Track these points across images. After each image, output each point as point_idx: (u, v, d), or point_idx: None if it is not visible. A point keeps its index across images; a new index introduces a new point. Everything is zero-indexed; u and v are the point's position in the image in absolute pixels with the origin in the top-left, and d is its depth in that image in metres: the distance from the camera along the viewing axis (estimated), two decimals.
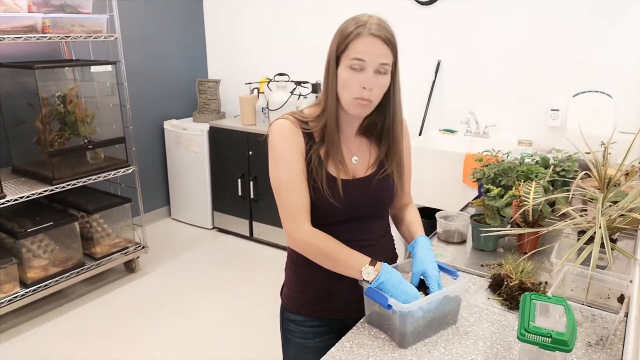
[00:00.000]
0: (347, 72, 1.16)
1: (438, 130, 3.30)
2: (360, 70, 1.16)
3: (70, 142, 2.96)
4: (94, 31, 2.98)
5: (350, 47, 1.15)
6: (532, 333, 0.96)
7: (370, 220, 1.32)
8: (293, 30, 3.85)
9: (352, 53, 1.15)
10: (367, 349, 1.14)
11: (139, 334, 2.73)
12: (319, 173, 1.23)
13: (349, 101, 1.19)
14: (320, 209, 1.24)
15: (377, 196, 1.30)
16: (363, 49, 1.14)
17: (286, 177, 1.22)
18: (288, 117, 1.26)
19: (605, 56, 2.77)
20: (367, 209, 1.29)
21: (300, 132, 1.24)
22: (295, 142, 1.23)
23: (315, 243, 1.22)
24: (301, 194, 1.22)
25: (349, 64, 1.16)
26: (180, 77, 4.22)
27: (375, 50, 1.15)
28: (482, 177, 1.71)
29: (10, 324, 2.77)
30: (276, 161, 1.24)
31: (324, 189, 1.22)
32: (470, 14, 3.10)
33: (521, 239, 1.59)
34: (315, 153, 1.23)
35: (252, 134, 3.66)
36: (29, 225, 2.77)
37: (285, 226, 1.25)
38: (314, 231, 1.23)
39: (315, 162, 1.23)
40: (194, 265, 3.52)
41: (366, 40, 1.14)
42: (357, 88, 1.17)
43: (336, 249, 1.22)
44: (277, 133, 1.24)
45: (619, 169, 1.46)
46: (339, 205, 1.23)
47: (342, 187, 1.23)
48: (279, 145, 1.23)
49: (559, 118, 2.91)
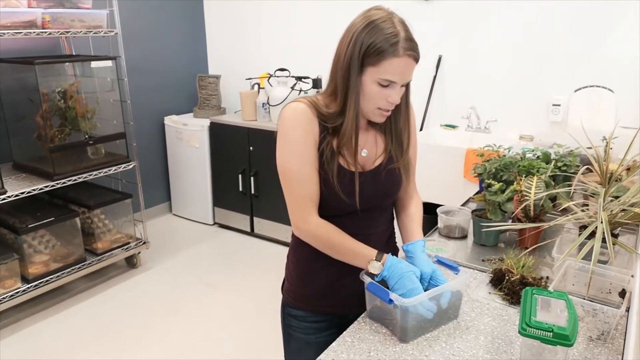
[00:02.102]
0: (374, 86, 1.14)
1: (439, 125, 3.30)
2: (388, 86, 1.14)
3: (70, 138, 2.96)
4: (94, 26, 2.97)
5: (382, 66, 1.11)
6: (533, 327, 0.95)
7: (376, 213, 1.31)
8: (294, 26, 3.84)
9: (384, 73, 1.12)
10: (368, 343, 1.14)
11: (140, 329, 2.73)
12: (330, 165, 1.20)
13: (370, 110, 1.18)
14: (329, 202, 1.22)
15: (385, 188, 1.29)
16: (397, 70, 1.12)
17: (296, 167, 1.19)
18: (303, 100, 1.20)
19: (607, 51, 2.76)
20: (375, 201, 1.28)
21: (316, 121, 1.19)
22: (311, 130, 1.18)
23: (321, 235, 1.22)
24: (310, 185, 1.20)
25: (377, 79, 1.13)
26: (180, 72, 4.21)
27: (408, 71, 1.14)
28: (483, 172, 1.71)
29: (12, 320, 2.78)
30: (287, 148, 1.20)
31: (335, 183, 1.20)
32: (471, 9, 3.09)
33: (522, 233, 1.59)
34: (328, 145, 1.20)
35: (252, 129, 3.65)
36: (30, 221, 2.77)
37: (291, 215, 1.24)
38: (320, 223, 1.22)
39: (328, 155, 1.20)
40: (195, 260, 3.53)
41: (402, 62, 1.11)
42: (383, 102, 1.16)
43: (342, 241, 1.21)
44: (291, 118, 1.19)
45: (621, 164, 1.46)
46: (348, 200, 1.21)
47: (353, 181, 1.22)
48: (291, 132, 1.18)
49: (560, 113, 2.90)
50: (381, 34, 1.10)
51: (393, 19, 1.13)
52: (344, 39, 1.16)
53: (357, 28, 1.13)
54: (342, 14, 3.50)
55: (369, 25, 1.12)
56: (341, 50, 1.16)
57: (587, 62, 2.83)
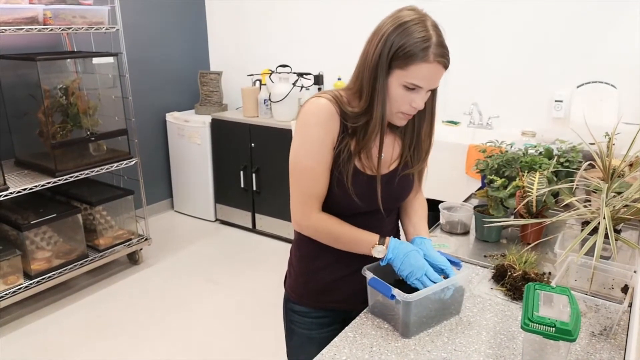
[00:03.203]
0: (400, 89, 1.10)
1: (441, 121, 3.29)
2: (414, 90, 1.11)
3: (72, 134, 2.97)
4: (96, 22, 2.97)
5: (411, 69, 1.07)
6: (536, 323, 0.95)
7: (384, 214, 1.30)
8: (295, 22, 3.83)
9: (412, 77, 1.08)
10: (370, 338, 1.14)
11: (142, 325, 2.74)
12: (346, 167, 1.17)
13: (393, 113, 1.15)
14: (340, 203, 1.21)
15: (398, 192, 1.28)
16: (425, 76, 1.08)
17: (310, 165, 1.17)
18: (327, 95, 1.17)
19: (609, 47, 2.75)
20: (386, 205, 1.25)
21: (338, 120, 1.15)
22: (331, 129, 1.15)
23: (322, 228, 1.22)
24: (320, 185, 1.18)
25: (403, 82, 1.09)
26: (182, 69, 4.21)
27: (436, 77, 1.10)
28: (485, 168, 1.71)
29: (14, 316, 2.79)
30: (304, 144, 1.17)
31: (349, 185, 1.18)
32: (473, 5, 3.08)
33: (525, 229, 1.59)
34: (346, 146, 1.17)
35: (254, 126, 3.65)
36: (32, 217, 2.78)
37: (293, 209, 1.23)
38: (320, 217, 1.21)
39: (345, 156, 1.17)
40: (197, 257, 3.53)
41: (431, 67, 1.07)
42: (407, 106, 1.13)
43: (343, 231, 1.21)
44: (314, 114, 1.15)
45: (623, 160, 1.46)
46: (360, 202, 1.20)
47: (367, 184, 1.20)
48: (311, 129, 1.15)
49: (562, 109, 2.89)
50: (412, 37, 1.06)
51: (426, 22, 1.09)
52: (373, 38, 1.12)
53: (387, 28, 1.09)
54: (344, 10, 3.49)
55: (400, 26, 1.08)
56: (369, 50, 1.11)
57: (589, 57, 2.82)
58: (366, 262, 1.22)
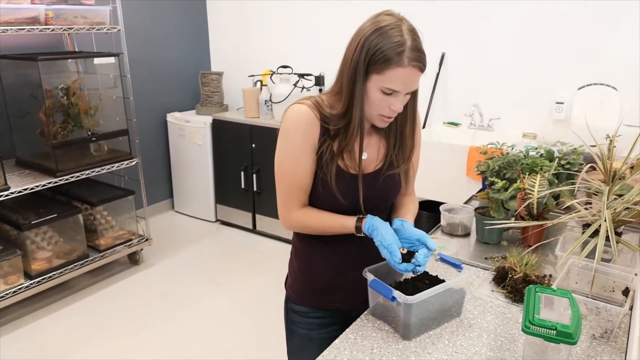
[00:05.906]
0: (378, 93, 1.12)
1: (442, 123, 3.29)
2: (391, 94, 1.12)
3: (73, 134, 2.96)
4: (97, 23, 2.97)
5: (386, 74, 1.09)
6: (536, 325, 0.95)
7: (374, 214, 1.31)
8: (296, 23, 3.83)
9: (388, 81, 1.10)
10: (371, 340, 1.14)
11: (142, 325, 2.74)
12: (329, 167, 1.20)
13: (373, 116, 1.17)
14: (326, 203, 1.23)
15: (384, 191, 1.29)
16: (401, 80, 1.10)
17: (290, 169, 1.21)
18: (307, 102, 1.20)
19: (610, 49, 2.75)
20: (374, 204, 1.27)
21: (318, 124, 1.18)
22: (310, 134, 1.19)
23: (302, 224, 1.26)
24: (300, 187, 1.22)
25: (381, 87, 1.11)
26: (183, 69, 4.21)
27: (412, 80, 1.12)
28: (486, 170, 1.71)
29: (15, 316, 2.79)
30: (285, 149, 1.21)
31: (333, 185, 1.20)
32: (475, 6, 3.08)
33: (525, 231, 1.59)
34: (328, 147, 1.20)
35: (255, 126, 3.65)
36: (33, 217, 2.78)
37: (279, 210, 1.28)
38: (300, 213, 1.25)
39: (328, 157, 1.20)
40: (198, 257, 3.53)
41: (406, 72, 1.09)
42: (386, 109, 1.15)
43: (323, 220, 1.24)
44: (294, 120, 1.19)
45: (624, 162, 1.46)
46: (345, 201, 1.22)
47: (351, 183, 1.22)
48: (291, 135, 1.19)
49: (563, 111, 2.89)
50: (388, 41, 1.07)
51: (402, 27, 1.09)
52: (352, 42, 1.14)
53: (365, 33, 1.10)
54: (345, 11, 3.49)
55: (377, 31, 1.09)
56: (349, 54, 1.14)
57: (590, 59, 2.82)
58: (366, 262, 1.22)
